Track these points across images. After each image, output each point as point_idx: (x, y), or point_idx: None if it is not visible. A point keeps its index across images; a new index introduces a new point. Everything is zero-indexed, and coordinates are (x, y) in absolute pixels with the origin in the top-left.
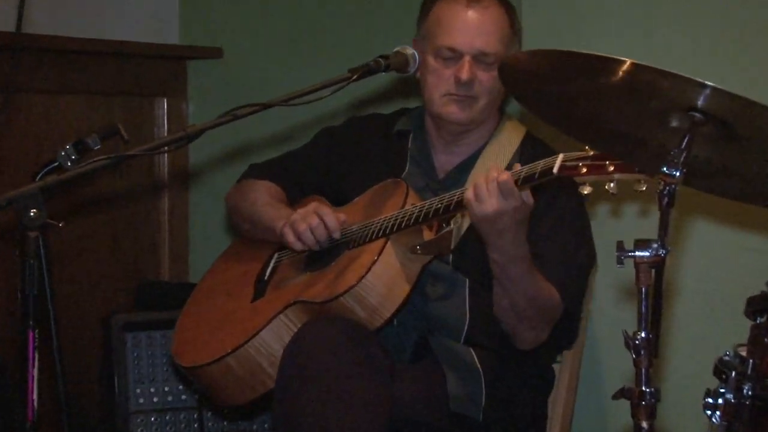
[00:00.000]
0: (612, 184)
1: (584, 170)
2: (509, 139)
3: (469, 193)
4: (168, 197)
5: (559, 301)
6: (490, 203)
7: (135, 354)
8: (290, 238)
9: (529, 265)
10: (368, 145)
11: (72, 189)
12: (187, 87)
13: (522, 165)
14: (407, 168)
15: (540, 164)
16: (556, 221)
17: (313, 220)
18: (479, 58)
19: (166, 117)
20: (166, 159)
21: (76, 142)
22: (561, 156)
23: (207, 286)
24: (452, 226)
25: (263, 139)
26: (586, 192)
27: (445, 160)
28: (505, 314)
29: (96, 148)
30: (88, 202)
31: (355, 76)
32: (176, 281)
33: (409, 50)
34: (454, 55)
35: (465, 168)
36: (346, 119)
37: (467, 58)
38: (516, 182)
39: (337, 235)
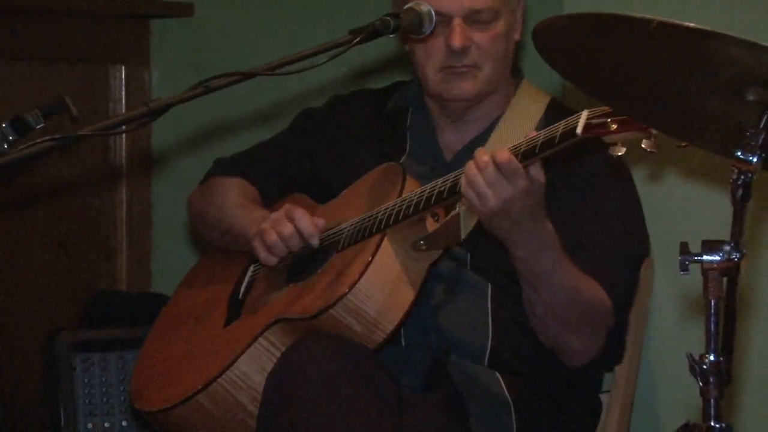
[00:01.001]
0: (650, 141)
1: (614, 126)
2: (530, 106)
3: (464, 188)
4: (126, 188)
5: (606, 299)
6: (494, 194)
7: (85, 380)
8: (260, 252)
9: (560, 255)
10: (358, 127)
11: (8, 178)
12: (150, 52)
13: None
14: (407, 151)
15: (560, 126)
16: (597, 202)
17: (285, 228)
18: (472, 18)
19: (124, 88)
20: (123, 141)
21: (14, 120)
22: (585, 113)
23: (171, 313)
24: (458, 209)
25: (244, 117)
26: (619, 153)
27: (452, 139)
28: (544, 323)
29: (38, 126)
30: (28, 194)
31: (357, 39)
32: (136, 291)
33: (424, 6)
34: (442, 20)
35: (477, 145)
36: (329, 98)
37: (457, 21)
38: (518, 156)
39: (314, 241)
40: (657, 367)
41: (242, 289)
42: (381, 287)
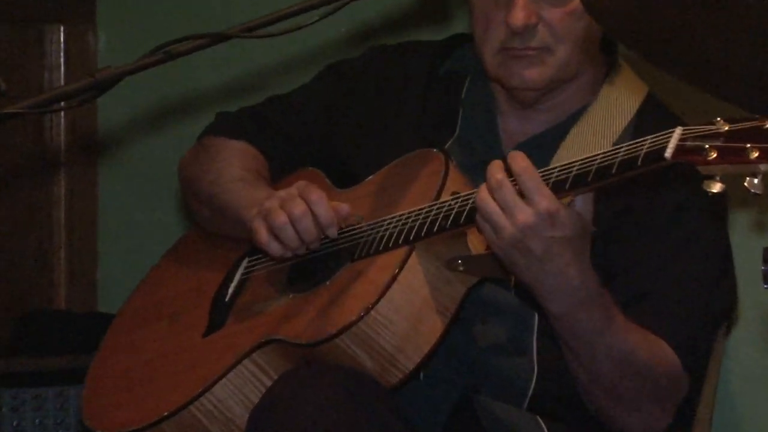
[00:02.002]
0: (756, 180)
1: (713, 155)
2: (624, 100)
3: (477, 217)
4: (65, 180)
5: (676, 366)
6: (511, 223)
7: (15, 423)
8: (262, 235)
9: (609, 313)
10: (398, 92)
11: None
12: (96, 9)
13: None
14: (456, 133)
15: (645, 143)
16: (682, 242)
17: (297, 208)
18: None
19: (63, 55)
20: (63, 120)
21: None
22: (678, 132)
23: (137, 307)
24: None
25: (214, 91)
26: (715, 190)
27: (517, 128)
28: (590, 393)
29: None
30: None
31: None
32: (79, 310)
33: None
34: None
35: (548, 143)
36: (366, 49)
37: None
38: (610, 175)
39: (332, 232)
40: (735, 404)
41: (230, 290)
42: (403, 315)
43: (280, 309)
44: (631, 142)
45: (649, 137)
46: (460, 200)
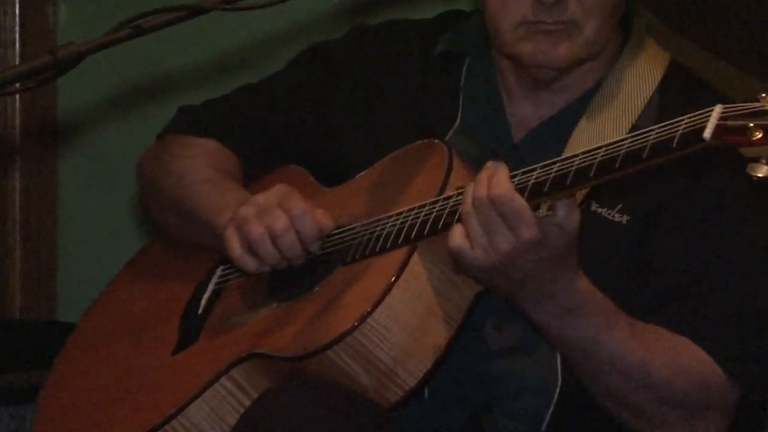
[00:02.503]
0: None
1: (759, 135)
2: (642, 73)
3: (464, 215)
4: (21, 171)
5: (712, 373)
6: (491, 249)
7: None
8: (234, 248)
9: (606, 322)
10: (388, 78)
11: None
12: None
13: (662, 119)
14: (457, 121)
15: (681, 123)
16: (722, 235)
17: (278, 222)
18: None
19: (18, 29)
20: (18, 104)
21: None
22: (718, 109)
23: (95, 324)
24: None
25: (189, 72)
26: (760, 174)
27: (527, 111)
28: (606, 406)
29: None
30: None
31: None
32: (35, 320)
33: None
34: None
35: (560, 126)
36: (351, 29)
37: None
38: (641, 160)
39: (314, 248)
40: None
41: (203, 302)
42: (403, 323)
43: (262, 320)
44: (664, 124)
45: (684, 117)
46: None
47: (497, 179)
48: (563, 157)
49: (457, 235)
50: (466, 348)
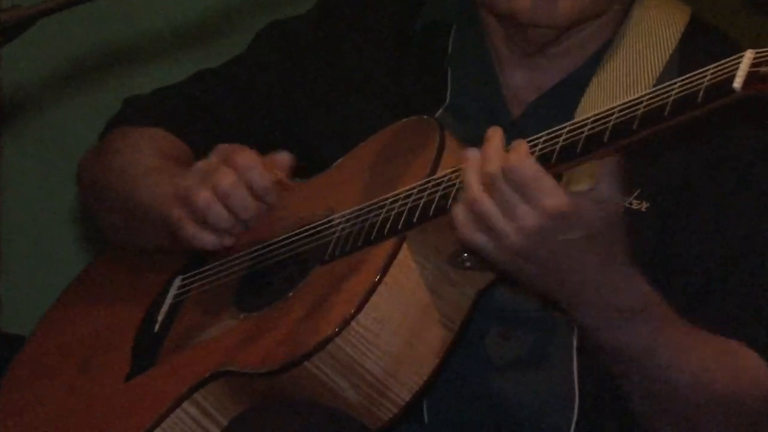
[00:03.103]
0: None
1: None
2: (659, 30)
3: (458, 212)
4: None
5: (765, 375)
6: (516, 229)
7: None
8: (186, 228)
9: (665, 325)
10: (365, 54)
11: None
12: None
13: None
14: (447, 100)
15: (707, 75)
16: (759, 209)
17: (222, 179)
18: None
19: None
20: None
21: None
22: (750, 54)
23: (36, 355)
24: None
25: (149, 43)
26: None
27: (523, 82)
28: (650, 423)
29: None
30: None
31: None
32: None
33: None
34: None
35: (564, 97)
36: (317, 2)
37: None
38: (662, 118)
39: (270, 199)
40: None
41: (160, 318)
42: (394, 328)
43: (229, 334)
44: (688, 75)
45: (710, 66)
46: (462, 174)
47: (514, 149)
48: (574, 121)
49: (465, 225)
50: (468, 360)
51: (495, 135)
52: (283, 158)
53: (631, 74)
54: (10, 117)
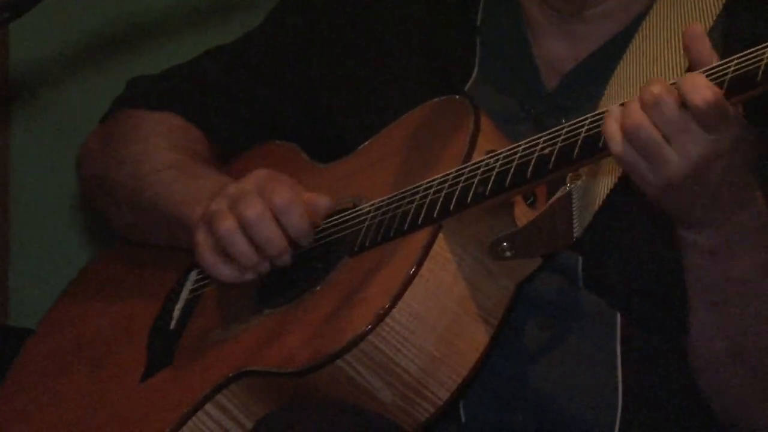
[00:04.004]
0: None
1: None
2: None
3: (619, 148)
4: None
5: None
6: (681, 153)
7: None
8: (205, 256)
9: None
10: (390, 26)
11: None
12: None
13: (729, 48)
14: (475, 71)
15: (767, 51)
16: None
17: (249, 209)
18: None
19: None
20: None
21: None
22: None
23: (44, 352)
24: (568, 185)
25: (165, 21)
26: None
27: (560, 51)
28: (723, 375)
29: None
30: None
31: None
32: None
33: None
34: None
35: (603, 66)
36: None
37: None
38: (726, 92)
39: (305, 242)
40: None
41: (176, 314)
42: (431, 323)
43: (252, 332)
44: (743, 53)
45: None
46: (502, 158)
47: (697, 85)
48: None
49: (622, 146)
50: (505, 354)
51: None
52: (322, 203)
53: (673, 39)
54: (19, 98)
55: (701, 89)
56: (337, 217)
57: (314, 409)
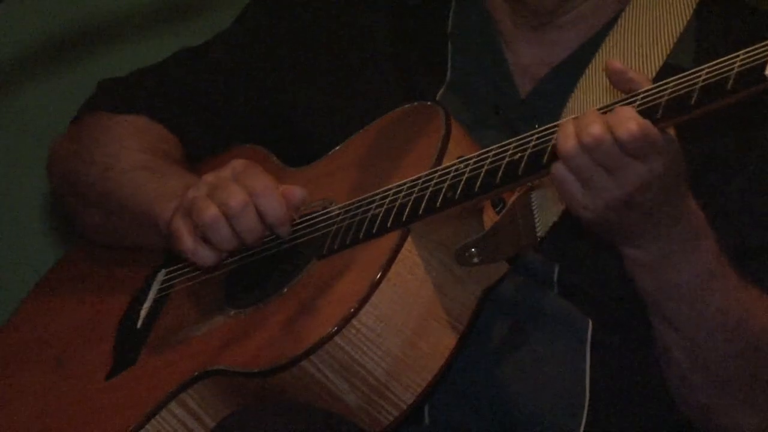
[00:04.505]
0: None
1: None
2: (671, 1)
3: (558, 172)
4: None
5: None
6: (615, 182)
7: None
8: (185, 239)
9: (719, 261)
10: (358, 32)
11: None
12: None
13: (702, 54)
14: (448, 77)
15: (736, 61)
16: None
17: (234, 199)
18: None
19: None
20: None
21: None
22: None
23: (8, 350)
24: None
25: (139, 16)
26: None
27: (531, 57)
28: (688, 383)
29: None
30: None
31: None
32: None
33: None
34: None
35: (577, 71)
36: None
37: None
38: (657, 119)
39: (283, 231)
40: None
41: (142, 314)
42: (397, 327)
43: (218, 331)
44: (715, 62)
45: (740, 52)
46: (472, 163)
47: (622, 118)
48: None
49: (562, 172)
50: (473, 357)
51: (590, 113)
52: (298, 193)
53: (644, 43)
54: None
55: (627, 122)
56: (306, 219)
57: (278, 411)
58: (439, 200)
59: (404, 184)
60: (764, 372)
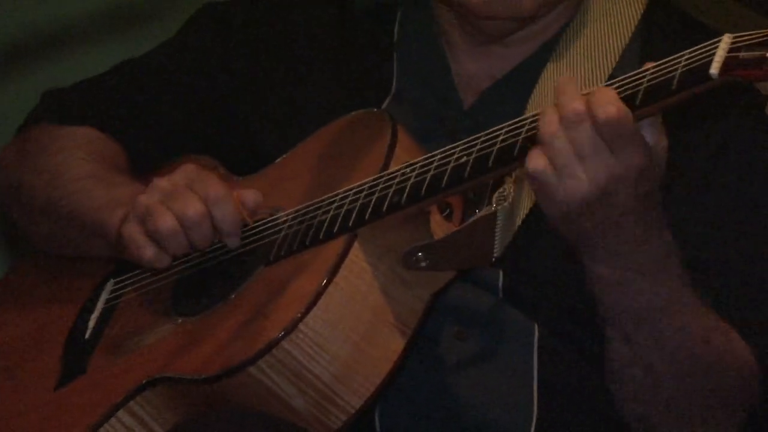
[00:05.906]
0: None
1: None
2: (619, 10)
3: (532, 162)
4: None
5: (749, 362)
6: (589, 174)
7: None
8: (141, 247)
9: (679, 282)
10: (303, 41)
11: None
12: None
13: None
14: (393, 88)
15: (681, 60)
16: (738, 195)
17: (191, 208)
18: None
19: None
20: None
21: None
22: (727, 39)
23: None
24: (494, 206)
25: (87, 22)
26: None
27: (477, 70)
28: (639, 400)
29: None
30: None
31: None
32: None
33: None
34: None
35: (519, 84)
36: None
37: None
38: (633, 107)
39: (233, 242)
40: None
41: (91, 324)
42: (345, 331)
43: (167, 339)
44: (659, 63)
45: (685, 52)
46: (418, 168)
47: (602, 94)
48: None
49: (536, 158)
50: (421, 363)
51: (566, 82)
52: (252, 197)
53: (591, 57)
54: None
55: (606, 105)
56: (255, 226)
57: (227, 418)
58: (386, 205)
59: (351, 189)
60: (721, 391)
